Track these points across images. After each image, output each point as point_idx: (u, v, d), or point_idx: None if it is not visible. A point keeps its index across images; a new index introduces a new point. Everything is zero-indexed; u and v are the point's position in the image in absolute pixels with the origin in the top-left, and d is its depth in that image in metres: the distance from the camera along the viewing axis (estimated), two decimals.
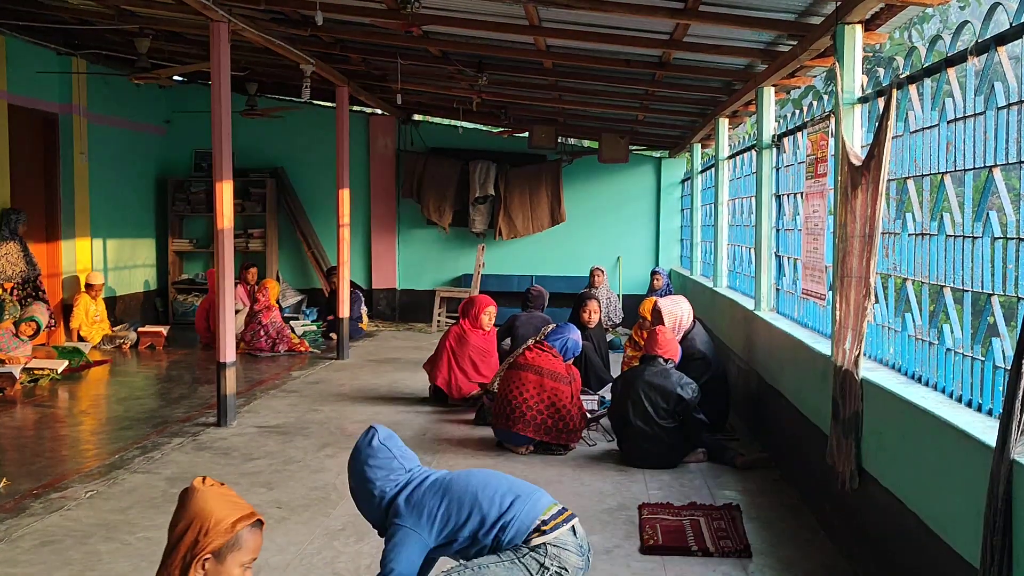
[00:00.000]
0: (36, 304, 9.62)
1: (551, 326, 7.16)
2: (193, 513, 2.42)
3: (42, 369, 8.95)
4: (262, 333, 10.90)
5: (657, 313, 7.25)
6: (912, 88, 4.35)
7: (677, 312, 7.19)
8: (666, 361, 6.44)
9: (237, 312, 10.67)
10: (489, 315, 8.27)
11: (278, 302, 11.61)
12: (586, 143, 14.56)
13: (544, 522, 3.49)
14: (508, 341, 8.91)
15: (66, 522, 5.03)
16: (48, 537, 4.80)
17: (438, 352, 8.21)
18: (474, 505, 3.48)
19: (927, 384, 4.08)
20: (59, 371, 9.04)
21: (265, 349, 10.86)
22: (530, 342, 7.01)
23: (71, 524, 5.00)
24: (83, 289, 11.31)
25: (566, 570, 3.46)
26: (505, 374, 6.83)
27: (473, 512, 3.46)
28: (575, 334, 6.92)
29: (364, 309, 13.22)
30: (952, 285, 3.87)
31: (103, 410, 8.13)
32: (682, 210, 13.99)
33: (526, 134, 13.34)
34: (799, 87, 7.78)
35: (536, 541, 3.44)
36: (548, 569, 3.43)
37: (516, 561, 3.42)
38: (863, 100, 4.95)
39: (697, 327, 7.28)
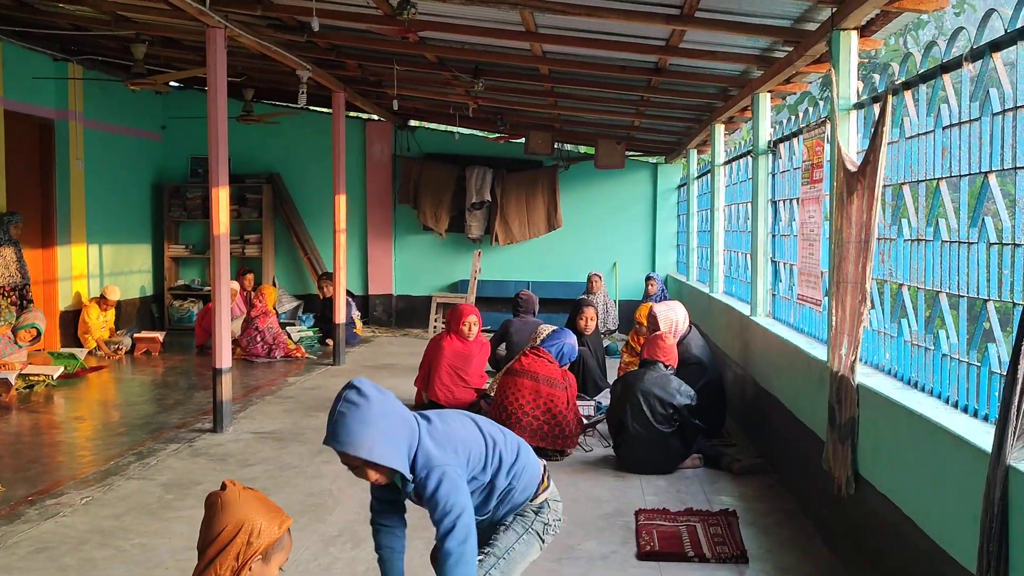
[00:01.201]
0: (35, 311, 9.59)
1: (547, 330, 7.14)
2: (241, 516, 2.50)
3: (37, 375, 8.92)
4: (258, 339, 10.89)
5: (653, 319, 7.24)
6: (908, 94, 4.36)
7: (673, 317, 7.19)
8: (666, 367, 6.44)
9: (235, 319, 10.68)
10: (469, 324, 8.13)
11: (275, 308, 11.59)
12: (582, 149, 14.58)
13: (542, 474, 3.55)
14: (503, 347, 8.90)
15: (61, 528, 5.02)
16: (43, 543, 4.79)
17: (430, 368, 8.12)
18: (494, 444, 3.32)
19: (923, 390, 4.08)
20: (55, 377, 9.02)
21: (261, 355, 10.85)
22: (526, 348, 7.00)
23: (66, 530, 4.99)
24: (89, 301, 11.29)
25: (560, 520, 3.58)
26: (501, 380, 6.82)
27: (493, 452, 3.30)
28: (571, 339, 6.91)
29: (356, 314, 13.19)
30: (948, 291, 3.87)
31: (99, 416, 8.11)
32: (678, 216, 14.00)
33: (522, 140, 13.38)
34: (795, 93, 7.80)
35: (541, 498, 3.49)
36: (550, 525, 3.52)
37: (529, 530, 3.46)
38: (859, 106, 4.96)
39: (693, 332, 7.27)
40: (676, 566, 4.58)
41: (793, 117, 6.72)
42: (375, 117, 14.03)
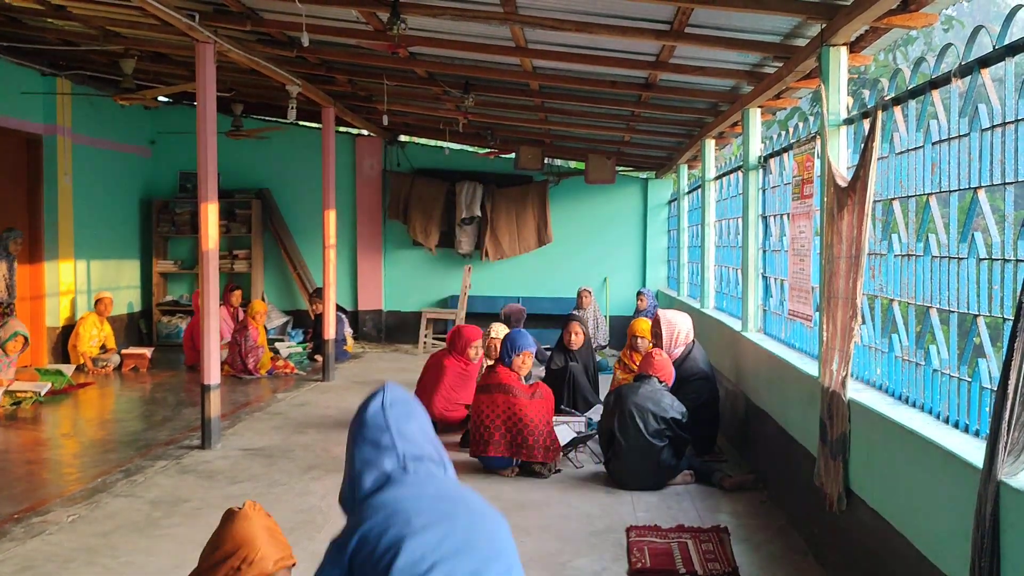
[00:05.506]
0: (13, 320, 9.50)
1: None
2: (241, 539, 2.47)
3: (25, 391, 8.86)
4: (237, 352, 10.79)
5: (657, 322, 7.22)
6: (897, 110, 4.37)
7: (676, 324, 7.17)
8: (660, 382, 6.44)
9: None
10: (476, 348, 8.12)
11: (254, 319, 11.52)
12: (573, 164, 14.60)
13: None
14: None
15: (47, 547, 4.97)
16: (29, 562, 4.73)
17: (428, 387, 8.05)
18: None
19: (914, 405, 4.08)
20: (42, 394, 8.95)
21: (251, 371, 10.78)
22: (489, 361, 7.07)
23: (53, 549, 4.94)
24: (87, 313, 11.25)
25: None
26: (474, 400, 6.82)
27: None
28: (515, 337, 6.93)
29: (349, 331, 13.14)
30: (938, 306, 3.87)
31: (86, 433, 8.04)
32: (669, 231, 14.02)
33: (512, 155, 13.38)
34: (785, 108, 7.83)
35: None
36: None
37: None
38: (848, 121, 4.98)
39: (697, 346, 7.28)
40: None
41: (783, 132, 6.74)
42: (365, 132, 14.04)
